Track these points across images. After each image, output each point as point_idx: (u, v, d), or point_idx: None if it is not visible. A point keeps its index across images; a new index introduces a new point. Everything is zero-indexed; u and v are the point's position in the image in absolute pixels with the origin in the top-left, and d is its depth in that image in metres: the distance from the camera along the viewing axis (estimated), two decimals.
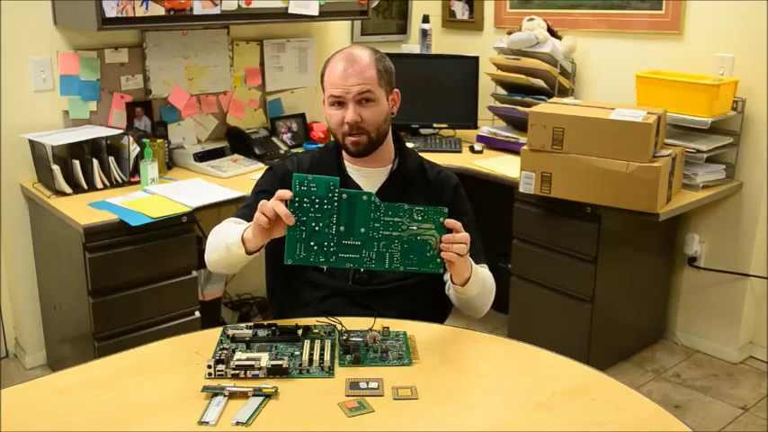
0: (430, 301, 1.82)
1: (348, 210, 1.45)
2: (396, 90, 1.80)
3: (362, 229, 1.45)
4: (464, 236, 1.52)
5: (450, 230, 1.51)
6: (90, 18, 2.50)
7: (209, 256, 1.71)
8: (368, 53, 1.74)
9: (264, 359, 1.41)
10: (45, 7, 2.73)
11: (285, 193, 1.43)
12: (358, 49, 1.75)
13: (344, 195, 1.45)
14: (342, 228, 1.45)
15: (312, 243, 1.44)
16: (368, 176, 1.80)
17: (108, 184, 2.69)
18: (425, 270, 1.50)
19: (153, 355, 1.49)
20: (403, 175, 1.82)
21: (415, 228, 1.47)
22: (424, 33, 3.73)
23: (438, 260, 1.50)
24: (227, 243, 1.60)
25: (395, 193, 1.78)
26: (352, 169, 1.81)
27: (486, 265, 1.80)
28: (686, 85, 2.81)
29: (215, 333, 1.55)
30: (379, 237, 1.46)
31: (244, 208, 1.80)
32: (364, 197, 1.46)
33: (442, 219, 1.49)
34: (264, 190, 1.77)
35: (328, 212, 1.44)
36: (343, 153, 1.82)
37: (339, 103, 1.72)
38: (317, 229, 1.44)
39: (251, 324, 1.57)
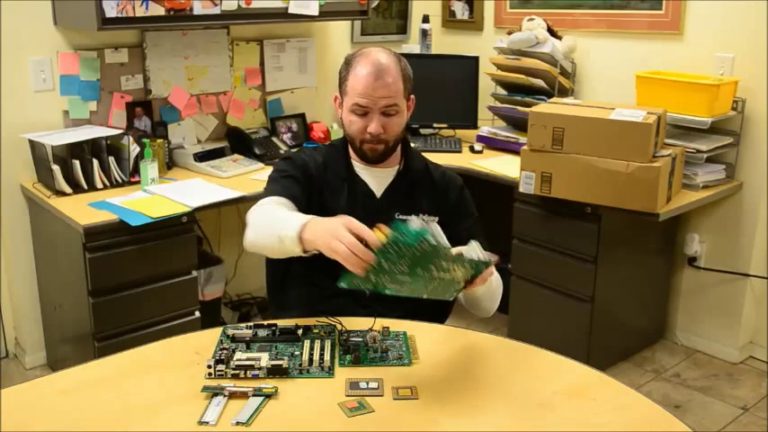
0: (431, 301, 1.81)
1: (421, 256, 1.35)
2: (412, 97, 1.79)
3: (420, 270, 1.38)
4: (491, 270, 1.52)
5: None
6: (90, 18, 2.50)
7: (254, 238, 1.62)
8: (394, 62, 1.72)
9: (264, 359, 1.41)
10: (45, 7, 2.73)
11: (371, 236, 1.34)
12: (384, 55, 1.72)
13: (428, 247, 1.34)
14: (405, 267, 1.38)
15: (372, 275, 1.38)
16: (375, 176, 1.81)
17: (108, 184, 2.69)
18: (440, 298, 1.49)
19: (153, 355, 1.49)
20: (409, 175, 1.82)
21: (459, 273, 1.42)
22: (424, 33, 3.73)
23: (454, 292, 1.48)
24: (279, 234, 1.50)
25: (401, 192, 1.79)
26: (360, 168, 1.81)
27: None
28: (686, 85, 2.81)
29: (215, 333, 1.55)
30: (428, 276, 1.41)
31: (276, 186, 1.75)
32: (443, 251, 1.36)
33: (484, 269, 1.44)
34: (291, 175, 1.76)
35: (404, 256, 1.35)
36: (351, 152, 1.82)
37: (363, 112, 1.71)
38: (385, 267, 1.36)
39: (251, 324, 1.57)
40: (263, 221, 1.62)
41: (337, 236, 1.35)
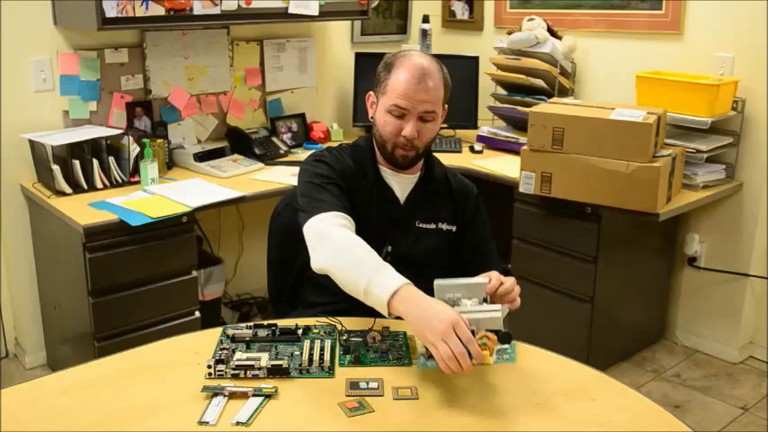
0: None
1: None
2: (446, 105, 1.76)
3: None
4: (511, 284, 1.55)
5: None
6: (90, 18, 2.50)
7: (328, 266, 1.53)
8: (437, 68, 1.70)
9: (264, 359, 1.41)
10: (45, 7, 2.73)
11: (477, 353, 1.31)
12: (427, 60, 1.69)
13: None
14: None
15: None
16: (400, 182, 1.78)
17: (108, 184, 2.69)
18: None
19: (153, 355, 1.49)
20: (430, 182, 1.81)
21: None
22: (424, 33, 3.73)
23: None
24: (366, 288, 1.42)
25: (422, 199, 1.78)
26: (386, 172, 1.78)
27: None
28: (686, 85, 2.81)
29: (215, 333, 1.55)
30: None
31: (327, 195, 1.66)
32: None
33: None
34: (338, 184, 1.69)
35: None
36: (378, 156, 1.78)
37: (401, 113, 1.68)
38: None
39: (251, 324, 1.57)
40: (344, 258, 1.51)
41: (446, 338, 1.29)
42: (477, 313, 1.40)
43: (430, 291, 1.74)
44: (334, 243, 1.54)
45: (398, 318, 1.42)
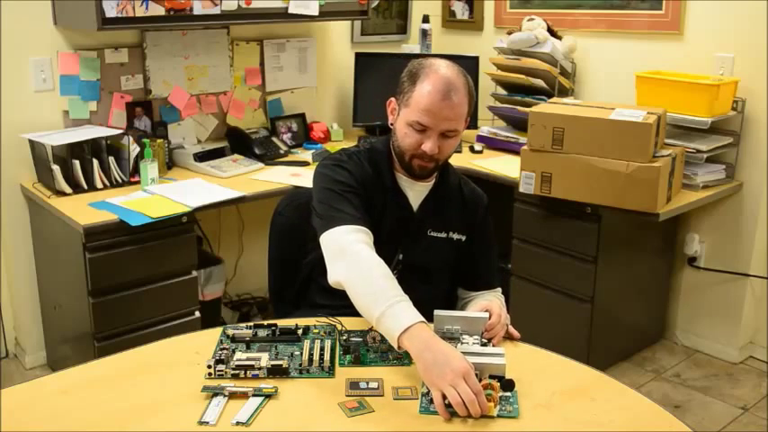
0: (433, 303, 1.81)
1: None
2: (467, 119, 1.71)
3: None
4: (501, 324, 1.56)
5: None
6: (90, 18, 2.50)
7: (344, 283, 1.52)
8: (463, 83, 1.64)
9: (264, 359, 1.41)
10: (45, 7, 2.73)
11: (484, 404, 1.29)
12: (454, 74, 1.63)
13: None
14: None
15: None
16: (414, 189, 1.76)
17: (108, 184, 2.69)
18: None
19: (153, 355, 1.49)
20: (443, 190, 1.79)
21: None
22: (424, 33, 3.73)
23: None
24: (378, 317, 1.42)
25: (434, 207, 1.77)
26: (402, 180, 1.76)
27: (499, 289, 1.83)
28: (686, 85, 2.81)
29: (215, 333, 1.55)
30: None
31: (347, 205, 1.64)
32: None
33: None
34: (358, 193, 1.67)
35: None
36: (395, 162, 1.76)
37: (422, 128, 1.63)
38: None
39: (251, 324, 1.57)
40: (364, 280, 1.50)
41: (455, 385, 1.28)
42: (481, 357, 1.40)
43: (435, 295, 1.75)
44: (354, 262, 1.52)
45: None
